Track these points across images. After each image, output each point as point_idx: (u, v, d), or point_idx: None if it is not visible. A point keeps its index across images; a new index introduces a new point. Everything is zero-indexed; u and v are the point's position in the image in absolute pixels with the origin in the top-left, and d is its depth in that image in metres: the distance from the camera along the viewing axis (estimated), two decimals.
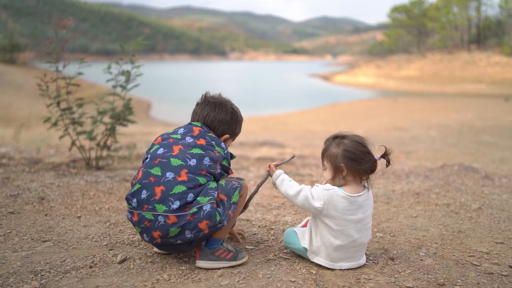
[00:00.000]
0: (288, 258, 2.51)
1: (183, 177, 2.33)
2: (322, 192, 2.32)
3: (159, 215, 2.26)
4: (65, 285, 2.15)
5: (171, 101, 33.95)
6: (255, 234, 2.95)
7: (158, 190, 2.30)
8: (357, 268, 2.38)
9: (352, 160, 2.31)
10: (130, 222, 2.71)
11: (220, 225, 2.30)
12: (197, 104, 2.71)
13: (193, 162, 2.39)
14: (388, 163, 2.35)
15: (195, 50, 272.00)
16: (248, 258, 2.50)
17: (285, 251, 2.63)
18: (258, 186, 2.66)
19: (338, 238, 2.31)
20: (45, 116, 4.61)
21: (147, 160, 2.44)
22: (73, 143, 4.69)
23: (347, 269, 2.35)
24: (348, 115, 23.47)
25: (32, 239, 2.75)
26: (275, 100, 35.38)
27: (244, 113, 2.86)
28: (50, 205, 3.42)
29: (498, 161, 7.94)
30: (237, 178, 2.49)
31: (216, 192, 2.35)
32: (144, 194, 2.31)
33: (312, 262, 2.42)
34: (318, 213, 2.32)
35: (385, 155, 2.34)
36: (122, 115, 4.67)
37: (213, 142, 2.52)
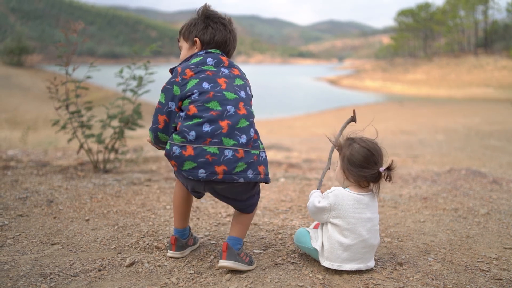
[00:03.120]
0: (296, 263, 2.51)
1: (243, 110, 2.32)
2: (327, 194, 2.36)
3: (226, 149, 2.22)
4: None
5: None
6: (262, 238, 2.95)
7: (224, 123, 2.25)
8: (365, 273, 2.37)
9: (354, 166, 2.33)
10: (176, 162, 2.26)
11: (269, 177, 2.38)
12: (203, 20, 2.52)
13: (242, 94, 2.37)
14: (390, 178, 2.32)
15: None
16: (256, 262, 2.50)
17: (293, 255, 2.63)
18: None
19: (348, 237, 2.31)
20: (54, 119, 4.64)
21: (195, 95, 2.31)
22: (81, 146, 4.71)
23: (356, 272, 2.35)
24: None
25: (41, 242, 2.77)
26: (281, 103, 35.39)
27: None
28: (58, 208, 3.44)
29: (505, 166, 7.90)
30: None
31: None
32: (207, 127, 2.23)
33: (321, 266, 2.42)
34: (327, 213, 2.34)
35: (389, 169, 2.31)
36: (131, 119, 4.70)
37: (241, 71, 2.50)
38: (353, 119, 2.65)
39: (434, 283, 2.27)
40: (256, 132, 2.37)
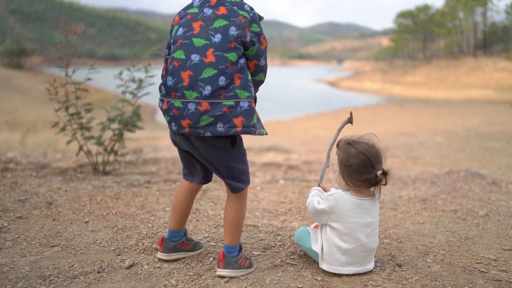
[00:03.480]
0: (295, 264, 2.51)
1: (210, 57, 2.13)
2: (327, 197, 2.35)
3: (189, 102, 2.12)
4: None
5: None
6: (262, 239, 2.95)
7: (185, 75, 2.13)
8: (364, 274, 2.37)
9: (351, 171, 2.31)
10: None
11: (253, 129, 2.18)
12: None
13: (217, 38, 2.16)
14: (385, 183, 2.31)
15: None
16: (255, 264, 2.50)
17: (292, 257, 2.63)
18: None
19: (346, 242, 2.31)
20: (53, 121, 4.64)
21: (172, 45, 2.26)
22: (81, 148, 4.71)
23: (354, 274, 2.35)
24: (354, 120, 23.37)
25: (40, 244, 2.77)
26: (281, 105, 35.39)
27: None
28: (57, 210, 3.44)
29: (504, 167, 7.90)
30: None
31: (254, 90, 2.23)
32: (170, 81, 2.18)
33: (320, 268, 2.42)
34: (326, 216, 2.33)
35: (384, 173, 2.30)
36: (130, 121, 4.70)
37: (235, 8, 2.24)
38: (349, 120, 2.66)
39: (433, 284, 2.27)
40: (239, 78, 2.17)
